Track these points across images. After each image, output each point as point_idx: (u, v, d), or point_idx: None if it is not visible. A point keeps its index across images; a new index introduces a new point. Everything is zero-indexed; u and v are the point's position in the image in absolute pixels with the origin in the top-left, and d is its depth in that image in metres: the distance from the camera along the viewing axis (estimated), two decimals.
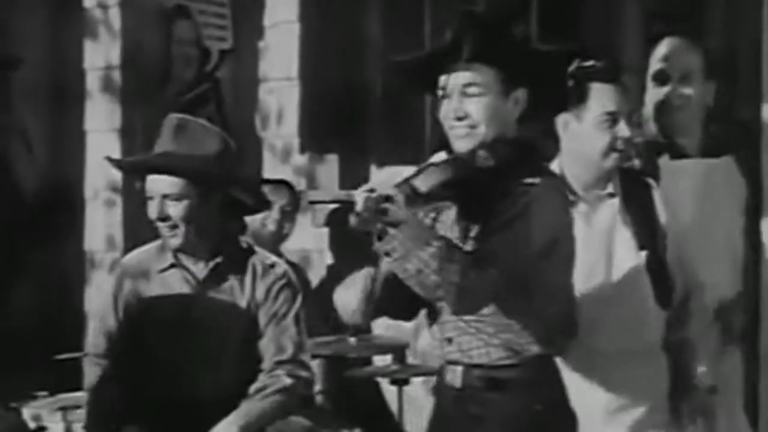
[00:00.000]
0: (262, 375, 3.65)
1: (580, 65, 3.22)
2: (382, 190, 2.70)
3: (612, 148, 3.24)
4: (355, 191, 2.71)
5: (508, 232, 2.76)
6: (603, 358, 3.18)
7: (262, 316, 3.67)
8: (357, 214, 2.68)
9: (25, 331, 6.59)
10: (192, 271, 3.71)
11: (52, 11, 7.36)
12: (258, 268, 3.71)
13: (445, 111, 2.91)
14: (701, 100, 3.72)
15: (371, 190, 2.69)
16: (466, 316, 2.88)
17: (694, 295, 3.39)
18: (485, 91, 2.86)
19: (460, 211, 2.93)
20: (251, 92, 7.14)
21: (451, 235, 2.89)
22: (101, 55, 6.90)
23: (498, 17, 2.96)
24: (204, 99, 7.13)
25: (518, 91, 2.89)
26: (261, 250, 3.81)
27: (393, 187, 2.73)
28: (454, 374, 2.96)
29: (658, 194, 3.39)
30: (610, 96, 3.24)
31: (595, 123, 3.23)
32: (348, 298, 3.01)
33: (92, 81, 6.94)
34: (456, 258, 2.71)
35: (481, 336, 2.90)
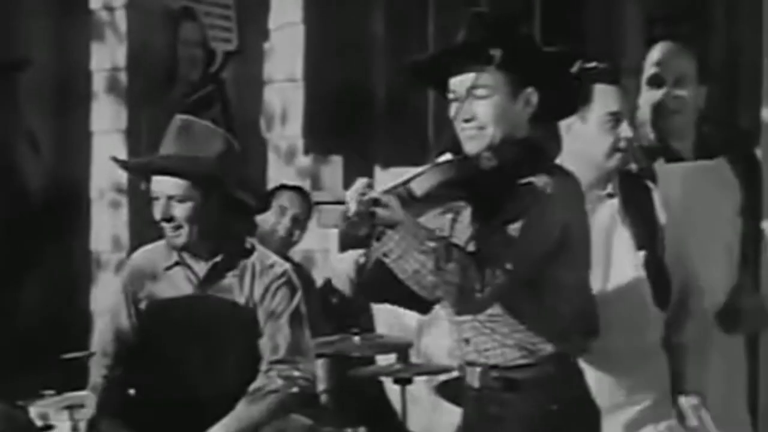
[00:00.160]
0: (260, 375, 3.65)
1: (583, 67, 3.21)
2: (373, 193, 2.70)
3: (616, 149, 3.25)
4: (348, 192, 2.72)
5: (511, 231, 2.74)
6: (602, 358, 3.16)
7: (261, 315, 3.68)
8: (346, 218, 2.69)
9: (32, 331, 6.59)
10: (194, 270, 3.72)
11: (59, 13, 7.33)
12: (257, 268, 3.71)
13: (455, 113, 2.90)
14: (695, 104, 3.72)
15: (362, 194, 2.69)
16: (480, 317, 2.88)
17: (693, 298, 3.39)
18: (493, 92, 2.85)
19: (472, 212, 2.93)
20: (256, 93, 7.16)
21: (467, 235, 2.89)
22: (107, 57, 6.92)
23: (507, 18, 2.95)
24: (209, 100, 7.14)
25: (527, 91, 2.88)
26: (262, 250, 3.81)
27: (389, 189, 2.73)
28: (473, 375, 2.96)
29: (658, 195, 3.39)
30: (613, 97, 3.24)
31: (599, 123, 3.23)
32: (342, 266, 3.05)
33: (98, 82, 6.96)
34: (455, 258, 2.69)
35: (495, 336, 2.90)
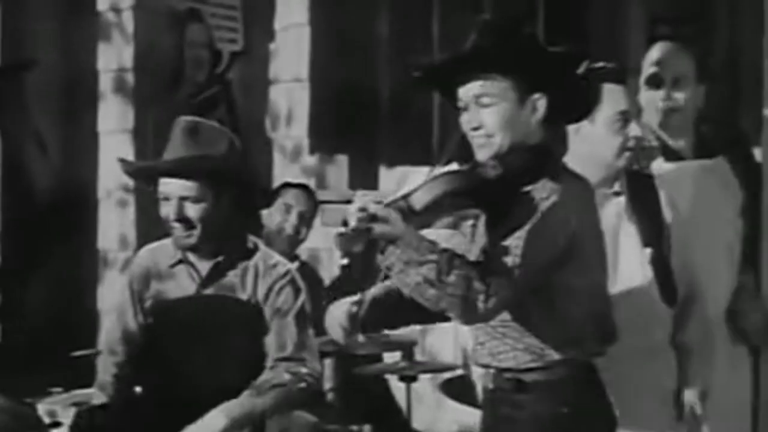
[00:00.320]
0: (266, 370, 3.66)
1: (591, 67, 3.20)
2: (372, 208, 2.69)
3: (625, 148, 3.26)
4: (349, 208, 2.71)
5: (516, 239, 2.74)
6: (609, 356, 3.11)
7: (267, 312, 3.68)
8: (341, 234, 2.67)
9: (40, 329, 6.61)
10: (197, 268, 3.73)
11: (66, 14, 7.38)
12: (260, 268, 3.72)
13: (464, 121, 2.90)
14: (694, 103, 3.73)
15: (362, 209, 2.68)
16: (492, 321, 2.87)
17: (698, 300, 3.40)
18: (498, 100, 2.84)
19: (485, 220, 2.93)
20: (262, 94, 7.18)
21: (482, 244, 2.89)
22: (114, 58, 6.96)
23: (514, 23, 2.93)
24: (215, 100, 7.15)
25: (534, 98, 2.87)
26: (265, 249, 3.82)
27: (389, 203, 2.72)
28: (487, 377, 2.98)
29: (664, 194, 3.40)
30: (621, 96, 3.25)
31: (609, 123, 3.24)
32: (335, 319, 3.04)
33: (105, 83, 7.00)
34: (458, 270, 2.68)
35: (507, 341, 2.90)
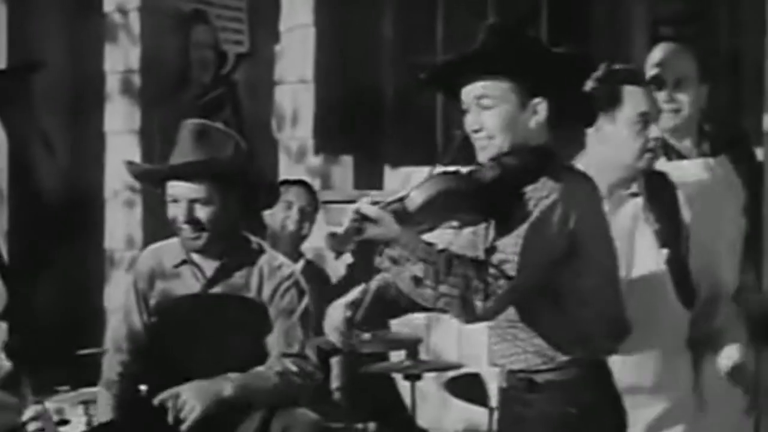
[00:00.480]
0: (271, 359, 3.69)
1: (610, 69, 3.24)
2: (364, 209, 2.70)
3: (646, 149, 3.26)
4: (350, 207, 2.72)
5: (514, 239, 2.74)
6: (624, 356, 3.09)
7: (272, 312, 3.71)
8: (332, 234, 2.68)
9: (48, 328, 6.59)
10: (202, 268, 3.75)
11: (73, 15, 7.37)
12: (264, 269, 3.74)
13: (466, 123, 2.90)
14: (696, 104, 3.74)
15: (357, 211, 2.69)
16: (502, 324, 2.89)
17: (722, 301, 3.41)
18: (499, 102, 2.84)
19: (495, 223, 2.92)
20: (267, 95, 7.20)
21: (486, 244, 2.89)
22: (121, 59, 6.98)
23: (519, 27, 2.94)
24: (220, 102, 7.17)
25: (535, 101, 2.85)
26: (270, 251, 3.84)
27: (384, 205, 2.73)
28: (501, 376, 3.00)
29: (682, 194, 3.40)
30: (642, 98, 3.26)
31: (630, 124, 3.24)
32: (332, 322, 3.04)
33: (112, 84, 7.02)
34: (455, 270, 2.69)
35: (517, 342, 2.91)
